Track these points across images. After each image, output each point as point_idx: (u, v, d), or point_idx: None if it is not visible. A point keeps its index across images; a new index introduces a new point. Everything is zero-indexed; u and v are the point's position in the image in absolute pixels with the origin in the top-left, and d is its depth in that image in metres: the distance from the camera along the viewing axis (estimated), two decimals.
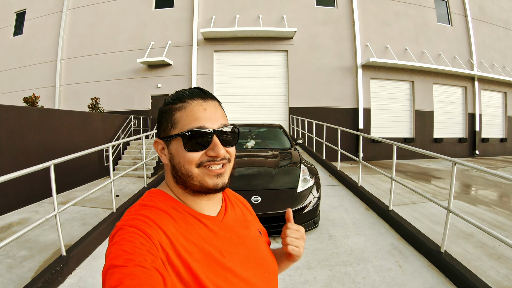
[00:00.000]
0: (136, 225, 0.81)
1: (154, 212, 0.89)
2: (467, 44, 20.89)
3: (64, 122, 11.03)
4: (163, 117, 1.00)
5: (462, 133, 20.93)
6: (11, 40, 21.79)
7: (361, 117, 18.15)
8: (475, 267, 4.27)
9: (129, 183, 11.12)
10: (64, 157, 4.86)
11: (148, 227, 0.82)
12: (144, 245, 0.76)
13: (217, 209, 1.07)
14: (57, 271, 4.06)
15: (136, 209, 0.91)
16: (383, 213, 6.11)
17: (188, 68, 18.16)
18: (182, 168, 0.95)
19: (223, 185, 0.97)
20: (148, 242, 0.78)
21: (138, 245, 0.75)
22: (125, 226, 0.81)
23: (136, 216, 0.86)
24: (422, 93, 19.51)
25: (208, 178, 0.94)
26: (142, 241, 0.77)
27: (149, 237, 0.79)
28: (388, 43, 18.91)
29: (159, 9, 19.00)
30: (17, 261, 4.89)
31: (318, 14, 18.66)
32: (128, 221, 0.84)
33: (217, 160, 0.95)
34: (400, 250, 4.75)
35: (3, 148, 8.35)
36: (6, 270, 4.61)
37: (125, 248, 0.74)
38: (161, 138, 1.01)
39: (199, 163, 0.94)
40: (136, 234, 0.78)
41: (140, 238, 0.77)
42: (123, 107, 18.33)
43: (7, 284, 4.20)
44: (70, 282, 4.13)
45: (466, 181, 11.52)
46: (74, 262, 4.45)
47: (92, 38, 19.51)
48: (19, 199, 8.66)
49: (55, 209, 4.36)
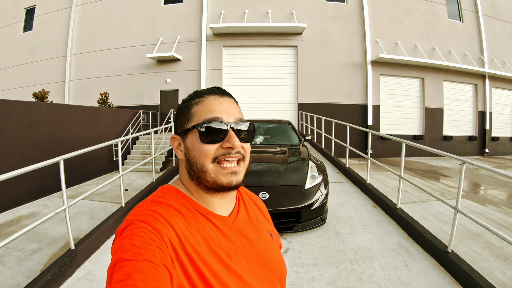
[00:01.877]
0: (147, 221, 0.81)
1: (165, 209, 0.89)
2: (478, 41, 20.55)
3: (74, 117, 11.14)
4: (181, 113, 1.02)
5: (472, 131, 20.67)
6: (21, 35, 22.02)
7: (370, 114, 18.06)
8: (482, 268, 4.25)
9: (138, 178, 11.18)
10: (74, 153, 4.92)
11: (159, 223, 0.82)
12: (154, 241, 0.76)
13: (230, 208, 1.06)
14: (66, 264, 4.11)
15: (148, 204, 0.91)
16: (390, 211, 6.08)
17: (197, 63, 18.20)
18: (198, 162, 0.95)
19: (237, 184, 0.96)
20: (158, 238, 0.78)
21: (148, 240, 0.75)
22: (136, 221, 0.81)
23: (148, 212, 0.86)
24: (432, 90, 19.30)
25: (222, 175, 0.93)
26: (152, 237, 0.77)
27: (159, 233, 0.79)
28: (398, 39, 18.72)
29: (169, 4, 19.03)
30: (26, 254, 4.97)
31: (328, 9, 18.53)
32: (139, 216, 0.84)
33: (233, 153, 0.94)
34: (407, 249, 4.72)
35: (14, 142, 8.48)
36: (16, 262, 4.69)
37: (135, 242, 0.74)
38: (177, 134, 1.02)
39: (214, 157, 0.94)
40: (147, 230, 0.78)
41: (151, 234, 0.77)
42: (133, 102, 18.48)
43: (16, 277, 4.25)
44: (78, 275, 4.18)
45: (475, 180, 11.42)
46: (82, 255, 4.50)
47: (101, 34, 19.63)
48: (29, 192, 8.77)
49: (64, 203, 4.43)
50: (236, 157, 0.96)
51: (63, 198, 4.41)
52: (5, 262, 4.72)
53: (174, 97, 18.45)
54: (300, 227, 5.06)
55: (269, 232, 1.17)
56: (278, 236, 1.24)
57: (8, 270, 4.47)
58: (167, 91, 18.51)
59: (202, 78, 17.98)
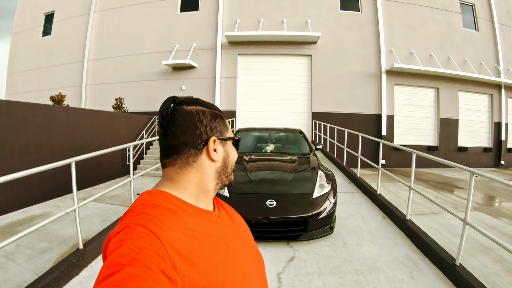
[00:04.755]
0: (145, 225, 0.79)
1: (160, 212, 0.88)
2: (494, 50, 20.29)
3: (89, 121, 11.32)
4: (205, 117, 1.05)
5: (487, 142, 20.32)
6: (40, 40, 22.51)
7: (384, 124, 17.93)
8: (491, 283, 4.21)
9: (150, 182, 11.27)
10: (85, 155, 4.98)
11: (157, 227, 0.80)
12: (152, 246, 0.74)
13: (210, 205, 1.11)
14: (73, 263, 4.20)
15: (140, 208, 0.89)
16: (400, 223, 6.02)
17: (212, 71, 18.33)
18: (232, 165, 1.14)
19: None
20: (157, 243, 0.76)
21: (146, 245, 0.73)
22: (133, 225, 0.79)
23: (144, 215, 0.84)
24: (447, 100, 19.08)
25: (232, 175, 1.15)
26: (151, 242, 0.75)
27: (159, 238, 0.77)
28: (413, 49, 18.61)
29: (184, 12, 19.26)
30: (36, 252, 5.11)
31: (343, 18, 18.54)
32: (136, 219, 0.82)
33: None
34: (415, 261, 4.66)
35: (30, 144, 8.65)
36: (26, 260, 4.83)
37: (132, 247, 0.72)
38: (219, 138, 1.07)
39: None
40: (145, 234, 0.77)
41: (149, 238, 0.76)
42: (147, 108, 18.63)
43: (25, 273, 4.39)
44: (85, 274, 4.27)
45: (489, 193, 11.28)
46: (90, 255, 4.58)
47: (118, 40, 19.95)
48: (42, 193, 8.94)
49: (75, 204, 4.51)
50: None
51: (73, 199, 4.50)
52: (15, 259, 4.86)
53: None
54: (307, 236, 5.04)
55: (246, 227, 1.27)
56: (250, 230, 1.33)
57: (18, 267, 4.61)
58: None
59: (217, 85, 18.10)
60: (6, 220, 7.18)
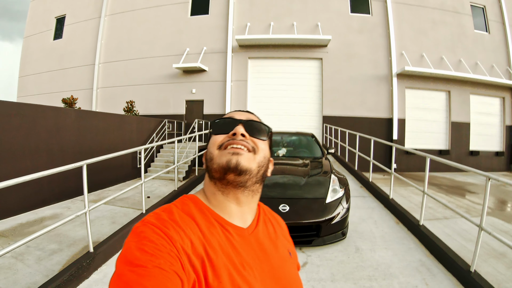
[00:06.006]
0: (161, 227, 0.82)
1: (181, 216, 0.90)
2: (506, 53, 20.07)
3: (100, 124, 11.44)
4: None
5: (499, 146, 20.09)
6: (51, 43, 22.84)
7: (395, 128, 17.81)
8: None
9: (160, 185, 11.32)
10: (96, 158, 5.06)
11: (173, 230, 0.82)
12: (165, 247, 0.76)
13: (248, 219, 1.05)
14: (84, 266, 4.22)
15: (166, 209, 0.92)
16: (413, 228, 5.96)
17: (222, 74, 18.41)
18: (208, 153, 1.02)
19: (238, 164, 0.94)
20: (169, 244, 0.78)
21: (159, 246, 0.76)
22: (150, 225, 0.82)
23: (164, 217, 0.87)
24: (458, 103, 18.91)
25: (223, 156, 0.96)
26: (164, 243, 0.77)
27: (171, 239, 0.79)
28: (424, 52, 18.50)
29: (195, 16, 19.40)
30: (46, 253, 5.15)
31: (353, 22, 18.51)
32: (155, 220, 0.85)
33: (237, 139, 0.98)
34: (428, 267, 4.60)
35: (41, 146, 8.79)
36: (35, 261, 4.87)
37: (146, 248, 0.74)
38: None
39: (220, 144, 0.99)
40: (159, 236, 0.79)
41: (162, 240, 0.78)
42: (158, 111, 18.81)
43: (35, 275, 4.42)
44: (95, 277, 4.28)
45: (501, 197, 11.18)
46: (100, 258, 4.60)
47: (129, 44, 20.16)
48: (53, 195, 9.05)
49: (86, 207, 4.56)
50: (241, 144, 0.98)
51: (84, 202, 4.54)
52: (25, 260, 4.90)
53: (199, 107, 18.65)
54: (319, 241, 5.00)
55: (288, 251, 1.15)
56: (297, 257, 1.22)
57: (27, 269, 4.64)
58: (193, 101, 18.76)
59: (227, 89, 18.17)
60: (17, 221, 7.27)
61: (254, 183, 1.00)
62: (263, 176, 1.04)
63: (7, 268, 4.62)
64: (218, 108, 18.36)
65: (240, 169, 0.94)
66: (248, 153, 0.98)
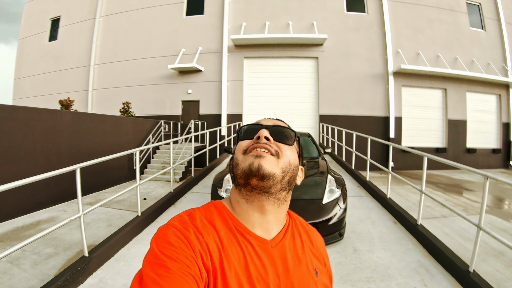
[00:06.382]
0: (182, 230, 0.84)
1: (202, 222, 0.91)
2: (501, 50, 20.15)
3: (96, 126, 11.40)
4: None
5: (496, 143, 20.15)
6: (46, 45, 22.75)
7: (392, 126, 17.83)
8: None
9: (157, 187, 11.27)
10: (90, 161, 5.01)
11: (193, 234, 0.84)
12: (184, 251, 0.78)
13: (273, 230, 1.00)
14: (79, 271, 4.19)
15: (189, 213, 0.94)
16: (411, 227, 5.93)
17: (218, 74, 18.40)
18: (234, 159, 0.99)
19: (259, 168, 0.90)
20: (188, 248, 0.80)
21: (179, 250, 0.78)
22: (173, 228, 0.85)
23: (185, 220, 0.89)
24: (455, 101, 18.95)
25: (247, 160, 0.94)
26: (183, 247, 0.79)
27: (190, 243, 0.81)
28: (420, 50, 18.53)
29: (190, 16, 19.37)
30: (42, 258, 5.10)
31: (349, 20, 18.52)
32: (177, 222, 0.88)
33: (260, 143, 0.96)
34: (427, 267, 4.57)
35: (36, 149, 8.74)
36: (31, 266, 4.82)
37: (166, 251, 0.77)
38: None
39: (245, 149, 0.97)
40: (179, 239, 0.81)
41: (182, 243, 0.80)
42: (154, 112, 18.78)
43: (31, 280, 4.37)
44: (90, 282, 4.24)
45: (499, 195, 11.15)
46: (96, 263, 4.57)
47: (124, 44, 20.10)
48: (49, 198, 9.00)
49: (80, 211, 4.54)
50: (264, 147, 0.95)
51: (78, 206, 4.53)
52: (21, 265, 4.85)
53: (195, 107, 18.65)
54: None
55: (314, 269, 1.05)
56: (327, 276, 1.12)
57: (23, 273, 4.59)
58: (189, 102, 18.75)
59: (223, 89, 18.15)
60: (13, 225, 7.21)
61: (279, 190, 0.95)
62: (289, 183, 0.99)
63: (3, 272, 4.58)
64: (214, 109, 18.37)
65: (262, 172, 0.90)
66: (271, 157, 0.94)
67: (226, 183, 5.64)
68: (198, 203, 8.03)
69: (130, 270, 4.52)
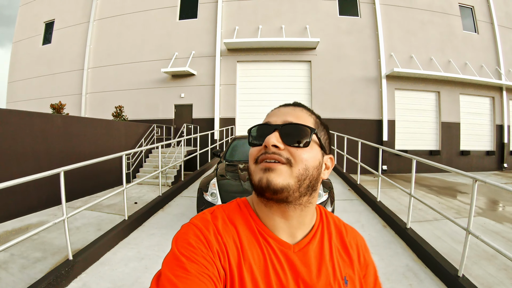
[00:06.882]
0: (202, 229, 0.84)
1: (224, 222, 0.89)
2: (494, 52, 20.23)
3: (87, 129, 11.40)
4: None
5: (490, 146, 20.20)
6: (40, 48, 22.70)
7: (385, 129, 17.83)
8: None
9: (149, 191, 11.24)
10: (75, 165, 5.12)
11: (213, 234, 0.84)
12: (202, 251, 0.78)
13: (297, 234, 0.94)
14: (62, 275, 4.19)
15: (212, 211, 0.93)
16: (400, 231, 5.94)
17: (211, 78, 18.37)
18: (248, 167, 0.92)
19: (269, 183, 0.82)
20: (206, 249, 0.80)
21: (197, 251, 0.78)
22: (194, 226, 0.85)
23: (207, 218, 0.89)
24: (448, 104, 18.98)
25: (257, 173, 0.86)
26: (201, 247, 0.79)
27: (209, 243, 0.81)
28: (413, 53, 18.57)
29: (183, 20, 19.38)
30: (30, 262, 5.11)
31: (342, 24, 18.55)
32: (198, 221, 0.87)
33: (269, 152, 0.85)
34: (416, 272, 4.56)
35: (27, 152, 8.73)
36: (19, 270, 4.83)
37: (184, 251, 0.77)
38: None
39: (256, 158, 0.88)
40: (198, 238, 0.81)
41: (201, 244, 0.80)
42: (148, 116, 18.73)
43: (18, 283, 4.38)
44: (74, 286, 4.23)
45: (492, 197, 11.16)
46: (80, 266, 4.56)
47: (118, 48, 20.08)
48: (40, 201, 8.98)
49: (64, 214, 4.63)
50: (272, 158, 0.85)
51: (62, 209, 4.59)
52: (8, 268, 4.87)
53: (188, 111, 18.61)
54: None
55: (344, 277, 0.96)
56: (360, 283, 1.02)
57: (10, 277, 4.60)
58: (182, 106, 18.71)
59: (216, 93, 18.13)
60: (2, 229, 7.20)
61: (298, 197, 0.87)
62: (310, 187, 0.89)
63: None
64: (207, 112, 18.34)
65: (273, 188, 0.82)
66: (282, 167, 0.84)
67: (212, 187, 5.62)
68: (187, 207, 8.08)
69: (114, 274, 4.50)
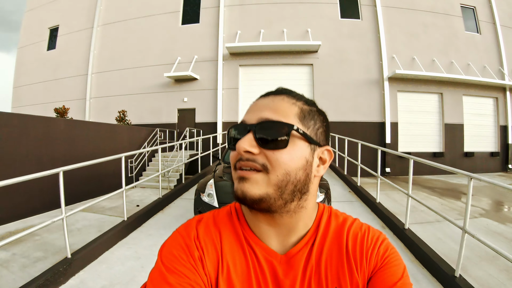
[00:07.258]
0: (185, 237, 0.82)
1: (208, 229, 0.85)
2: (497, 53, 20.07)
3: (90, 133, 11.53)
4: None
5: (494, 147, 20.01)
6: (45, 54, 22.96)
7: (388, 131, 17.78)
8: None
9: (151, 194, 11.26)
10: (73, 165, 5.21)
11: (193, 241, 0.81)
12: (182, 259, 0.77)
13: (287, 242, 0.85)
14: (60, 272, 4.26)
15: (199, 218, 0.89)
16: (398, 232, 5.95)
17: (214, 82, 18.48)
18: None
19: (244, 195, 0.73)
20: (187, 256, 0.78)
21: (178, 260, 0.77)
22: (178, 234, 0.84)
23: (192, 225, 0.86)
24: (451, 105, 18.87)
25: (234, 181, 0.78)
26: (182, 256, 0.77)
27: (189, 250, 0.79)
28: (415, 55, 18.52)
29: (186, 25, 19.54)
30: (31, 261, 5.17)
31: (343, 27, 18.58)
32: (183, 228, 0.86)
33: (243, 159, 0.75)
34: (413, 273, 4.54)
35: (30, 155, 8.87)
36: (19, 268, 4.91)
37: (166, 262, 0.76)
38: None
39: (234, 164, 0.78)
40: (180, 247, 0.80)
41: (182, 252, 0.78)
42: (151, 120, 18.85)
43: (18, 282, 4.41)
44: (72, 283, 4.30)
45: (496, 198, 11.09)
46: (78, 264, 4.63)
47: (121, 53, 20.26)
48: (43, 203, 9.06)
49: (63, 213, 4.72)
50: (247, 165, 0.74)
51: (61, 208, 4.69)
52: (10, 267, 4.95)
53: (191, 115, 18.71)
54: None
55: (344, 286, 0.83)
56: None
57: (11, 275, 4.68)
58: (185, 110, 18.81)
59: (219, 97, 18.22)
60: (5, 230, 7.29)
61: (283, 205, 0.76)
62: (297, 192, 0.77)
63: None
64: (210, 116, 18.41)
65: (250, 199, 0.73)
66: (257, 175, 0.73)
67: (209, 188, 5.67)
68: (187, 208, 8.18)
69: (111, 273, 4.60)
